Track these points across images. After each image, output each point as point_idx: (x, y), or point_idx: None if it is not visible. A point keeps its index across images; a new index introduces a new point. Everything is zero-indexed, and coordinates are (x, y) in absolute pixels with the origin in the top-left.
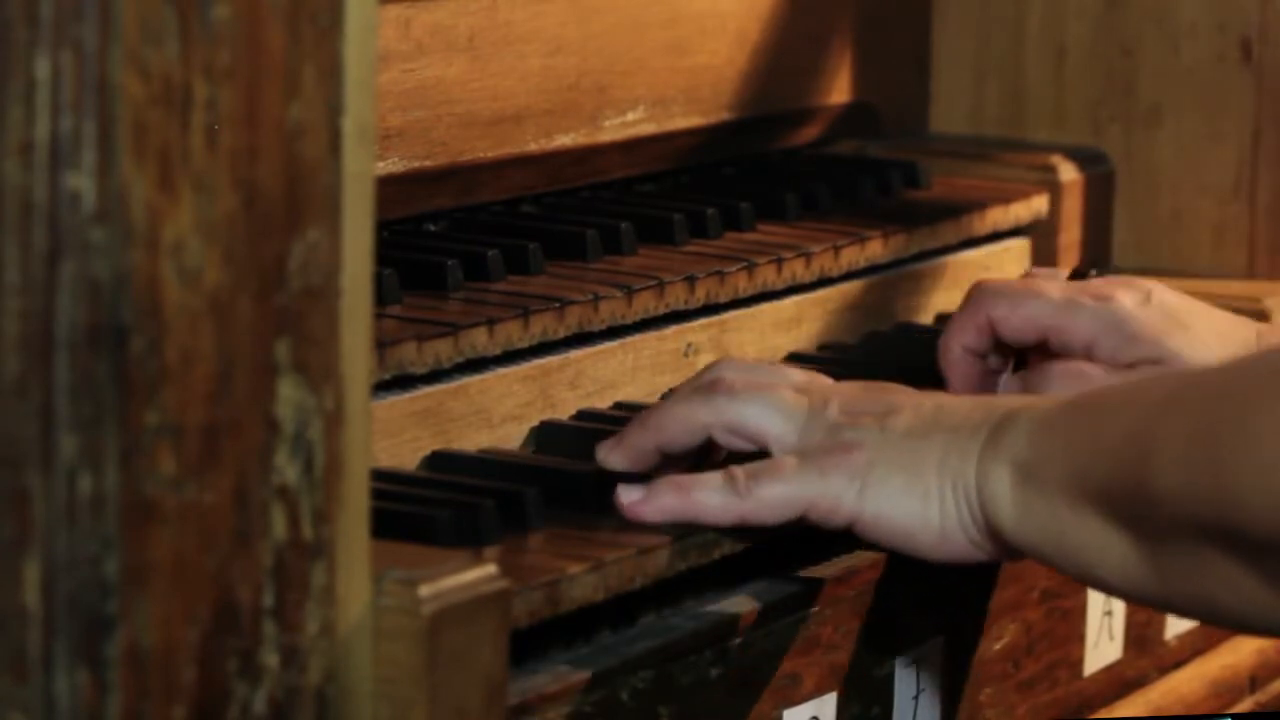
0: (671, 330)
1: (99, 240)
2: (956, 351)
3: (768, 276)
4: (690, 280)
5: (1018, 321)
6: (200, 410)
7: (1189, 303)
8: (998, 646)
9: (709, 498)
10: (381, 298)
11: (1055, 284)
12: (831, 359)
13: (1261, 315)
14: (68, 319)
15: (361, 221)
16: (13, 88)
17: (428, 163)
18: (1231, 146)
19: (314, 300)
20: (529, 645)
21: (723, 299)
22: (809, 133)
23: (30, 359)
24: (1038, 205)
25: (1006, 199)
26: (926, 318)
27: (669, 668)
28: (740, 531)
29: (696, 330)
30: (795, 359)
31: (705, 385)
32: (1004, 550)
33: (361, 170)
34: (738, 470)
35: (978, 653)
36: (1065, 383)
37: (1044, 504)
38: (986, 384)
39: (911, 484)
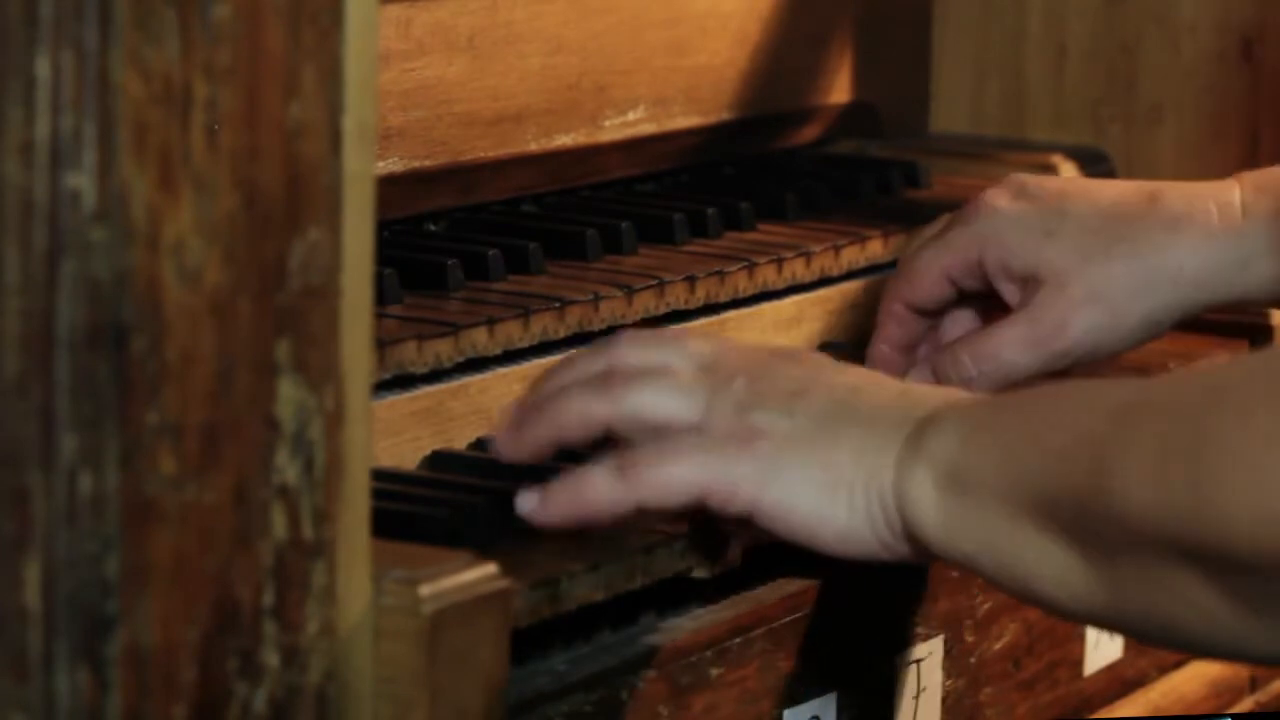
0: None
1: (99, 240)
2: (877, 350)
3: (768, 276)
4: (690, 280)
5: (921, 285)
6: (200, 410)
7: (1074, 184)
8: (998, 646)
9: (598, 489)
10: (382, 297)
11: (934, 226)
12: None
13: (1261, 315)
14: (68, 319)
15: (362, 221)
16: (13, 87)
17: (428, 162)
18: (1231, 146)
19: (314, 300)
20: (529, 645)
21: (723, 299)
22: (809, 133)
23: (30, 359)
24: None
25: None
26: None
27: (669, 667)
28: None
29: (697, 330)
30: None
31: (599, 375)
32: (921, 554)
33: (362, 170)
34: (627, 454)
35: (978, 652)
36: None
37: (975, 510)
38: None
39: (818, 476)
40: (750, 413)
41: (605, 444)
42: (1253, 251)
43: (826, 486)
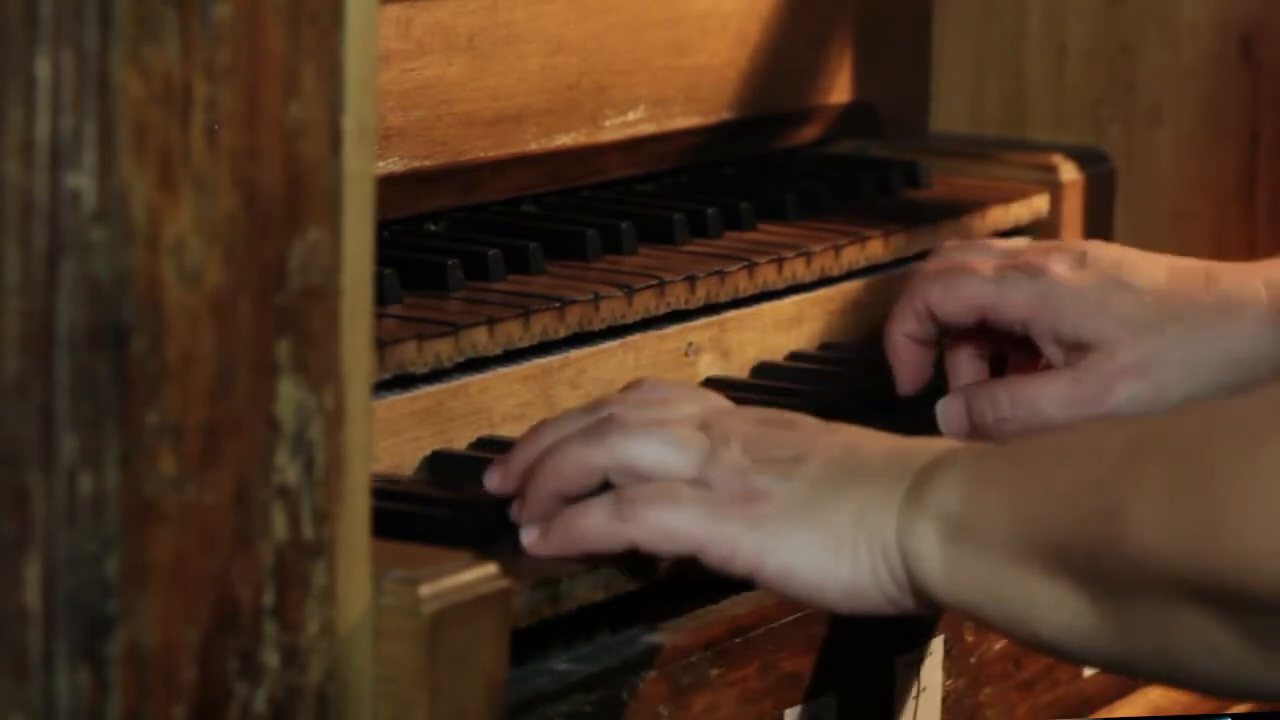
0: (672, 330)
1: (99, 240)
2: (899, 340)
3: (768, 276)
4: (691, 280)
5: (954, 305)
6: (201, 410)
7: (1129, 256)
8: (998, 646)
9: (595, 524)
10: (382, 297)
11: (989, 259)
12: (832, 358)
13: None
14: (68, 319)
15: (362, 221)
16: (13, 88)
17: (428, 162)
18: (1231, 146)
19: (314, 300)
20: (529, 645)
21: (723, 299)
22: (809, 133)
23: (31, 359)
24: (1038, 205)
25: (1007, 199)
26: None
27: (669, 667)
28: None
29: (697, 330)
30: (796, 359)
31: (597, 424)
32: (928, 607)
33: (362, 170)
34: (628, 491)
35: (978, 652)
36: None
37: (981, 560)
38: (929, 367)
39: (821, 539)
40: (750, 475)
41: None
42: None
43: (829, 548)
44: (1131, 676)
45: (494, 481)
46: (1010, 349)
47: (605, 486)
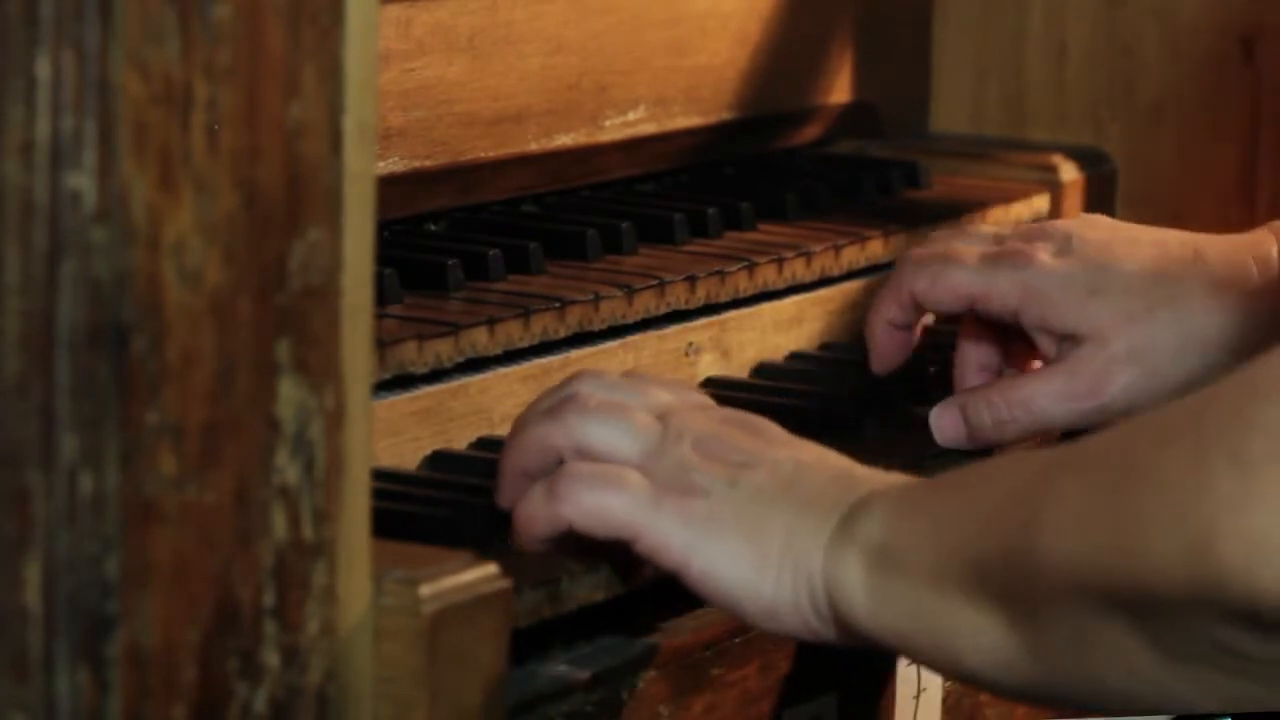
0: (672, 330)
1: (99, 240)
2: (879, 326)
3: (768, 276)
4: (691, 280)
5: (940, 294)
6: (201, 410)
7: (1117, 236)
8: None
9: (534, 506)
10: (382, 297)
11: (975, 248)
12: (832, 358)
13: None
14: (68, 319)
15: (362, 221)
16: (13, 88)
17: (428, 162)
18: (1231, 146)
19: (315, 300)
20: (529, 645)
21: (723, 299)
22: (809, 133)
23: (31, 359)
24: (1039, 205)
25: (1007, 199)
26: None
27: (669, 667)
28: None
29: (697, 330)
30: (796, 358)
31: (558, 403)
32: (849, 638)
33: (362, 170)
34: (564, 470)
35: None
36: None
37: (904, 590)
38: (907, 350)
39: (748, 551)
40: (694, 473)
41: None
42: None
43: (754, 562)
44: (1053, 706)
45: (495, 487)
46: (1001, 339)
47: None
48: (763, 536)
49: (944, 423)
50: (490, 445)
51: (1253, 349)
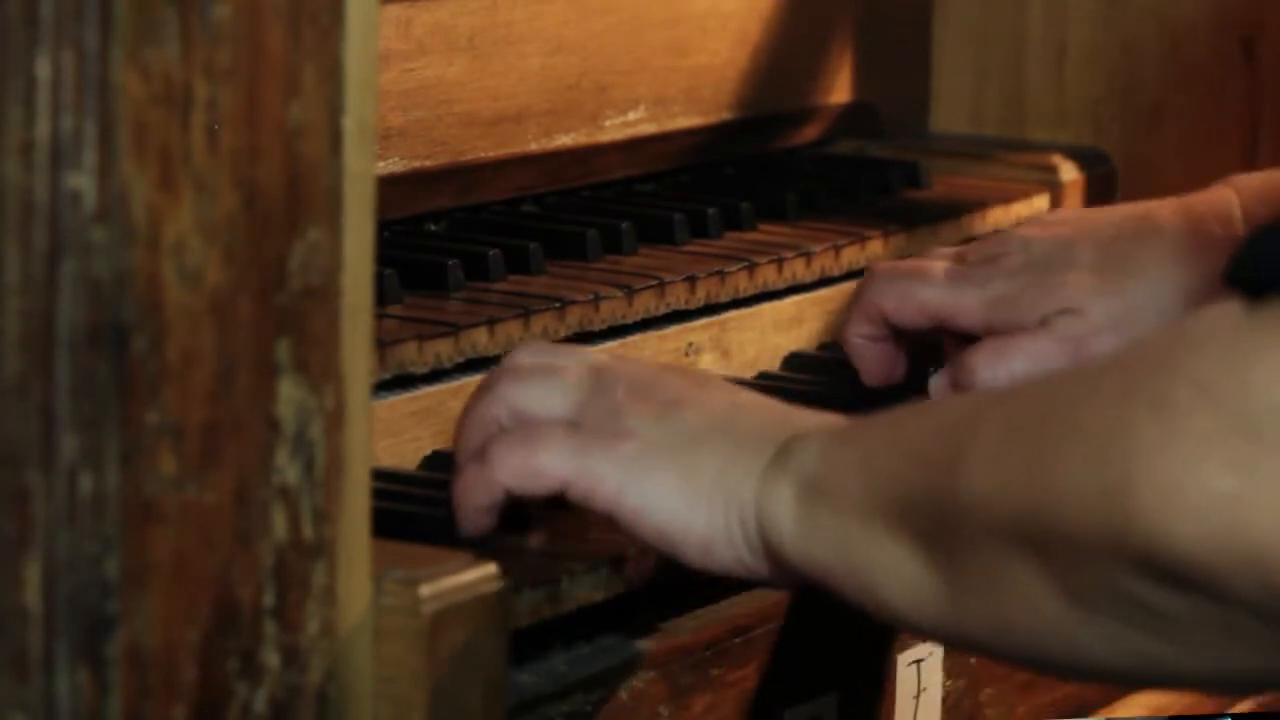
0: (672, 330)
1: (99, 240)
2: (855, 342)
3: (768, 276)
4: (691, 280)
5: (909, 312)
6: (201, 410)
7: (1076, 228)
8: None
9: (468, 480)
10: (382, 297)
11: (941, 264)
12: (832, 358)
13: None
14: (68, 319)
15: (362, 221)
16: (13, 88)
17: (428, 162)
18: (1231, 146)
19: (315, 300)
20: (529, 645)
21: (723, 299)
22: (809, 133)
23: (31, 359)
24: (1039, 205)
25: (1007, 199)
26: None
27: (669, 667)
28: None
29: (697, 330)
30: (796, 359)
31: (493, 373)
32: (781, 573)
33: (362, 170)
34: (496, 438)
35: None
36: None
37: (831, 520)
38: (897, 360)
39: (681, 486)
40: (622, 417)
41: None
42: None
43: (686, 495)
44: (963, 648)
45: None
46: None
47: None
48: (695, 471)
49: (938, 389)
50: None
51: (1218, 294)
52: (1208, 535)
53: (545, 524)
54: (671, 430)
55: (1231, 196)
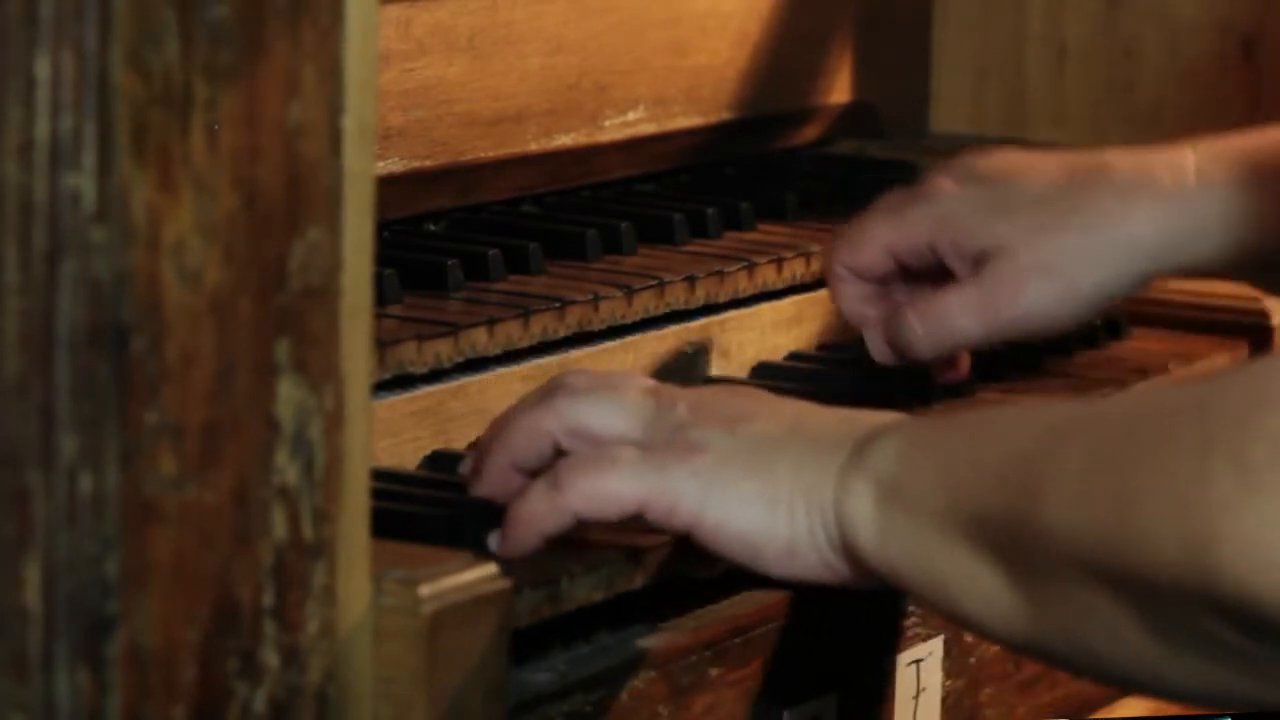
0: (672, 330)
1: (99, 240)
2: (850, 309)
3: (768, 276)
4: (690, 280)
5: (864, 255)
6: (201, 410)
7: (1025, 159)
8: (998, 646)
9: (534, 505)
10: (382, 298)
11: (885, 201)
12: (832, 359)
13: (1261, 315)
14: (68, 319)
15: (362, 221)
16: (13, 87)
17: (428, 162)
18: None
19: (314, 300)
20: (529, 645)
21: (723, 299)
22: (809, 133)
23: (30, 359)
24: None
25: None
26: None
27: (669, 667)
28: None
29: (697, 330)
30: (795, 359)
31: (546, 390)
32: (862, 574)
33: (362, 170)
34: (562, 463)
35: (978, 652)
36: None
37: (909, 526)
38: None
39: (759, 492)
40: (691, 431)
41: None
42: (1206, 221)
43: (766, 503)
44: (1043, 661)
45: (465, 467)
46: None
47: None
48: (771, 477)
49: (874, 345)
50: None
51: (1166, 254)
52: None
53: None
54: (743, 440)
55: (1188, 153)
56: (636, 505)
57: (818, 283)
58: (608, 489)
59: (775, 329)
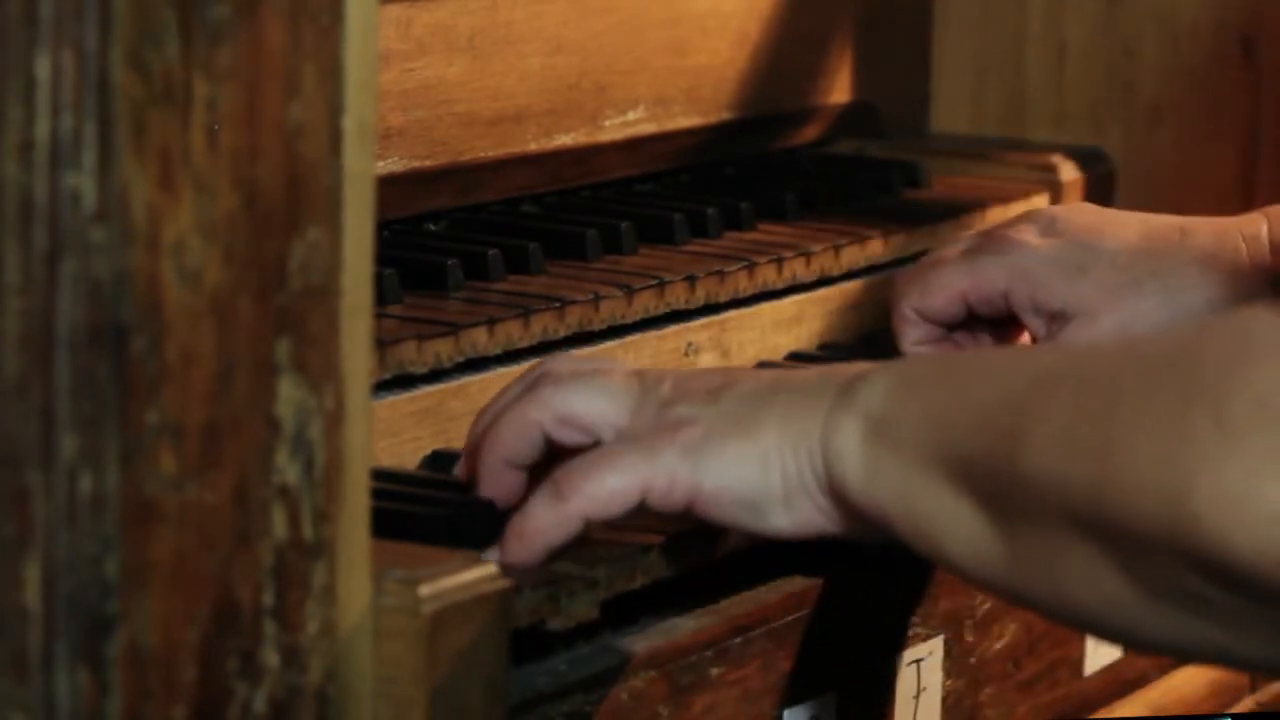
0: (672, 330)
1: (99, 240)
2: (911, 351)
3: (768, 276)
4: (690, 280)
5: (935, 302)
6: (201, 410)
7: (1102, 218)
8: (998, 646)
9: (539, 516)
10: (382, 297)
11: (958, 247)
12: (832, 358)
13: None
14: (68, 319)
15: (362, 221)
16: (13, 87)
17: (428, 162)
18: (1231, 146)
19: (314, 300)
20: (529, 645)
21: (723, 298)
22: (809, 132)
23: (30, 359)
24: (1038, 205)
25: (1007, 199)
26: None
27: (669, 667)
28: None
29: (697, 330)
30: (795, 358)
31: (530, 382)
32: (852, 516)
33: (362, 170)
34: (559, 472)
35: (978, 652)
36: None
37: (894, 463)
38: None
39: (749, 450)
40: (674, 407)
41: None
42: None
43: (757, 459)
44: (1022, 606)
45: (460, 470)
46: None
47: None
48: (759, 433)
49: None
50: None
51: None
52: (1266, 546)
53: None
54: (727, 405)
55: (1261, 220)
56: (639, 493)
57: (818, 283)
58: (608, 486)
59: (775, 329)
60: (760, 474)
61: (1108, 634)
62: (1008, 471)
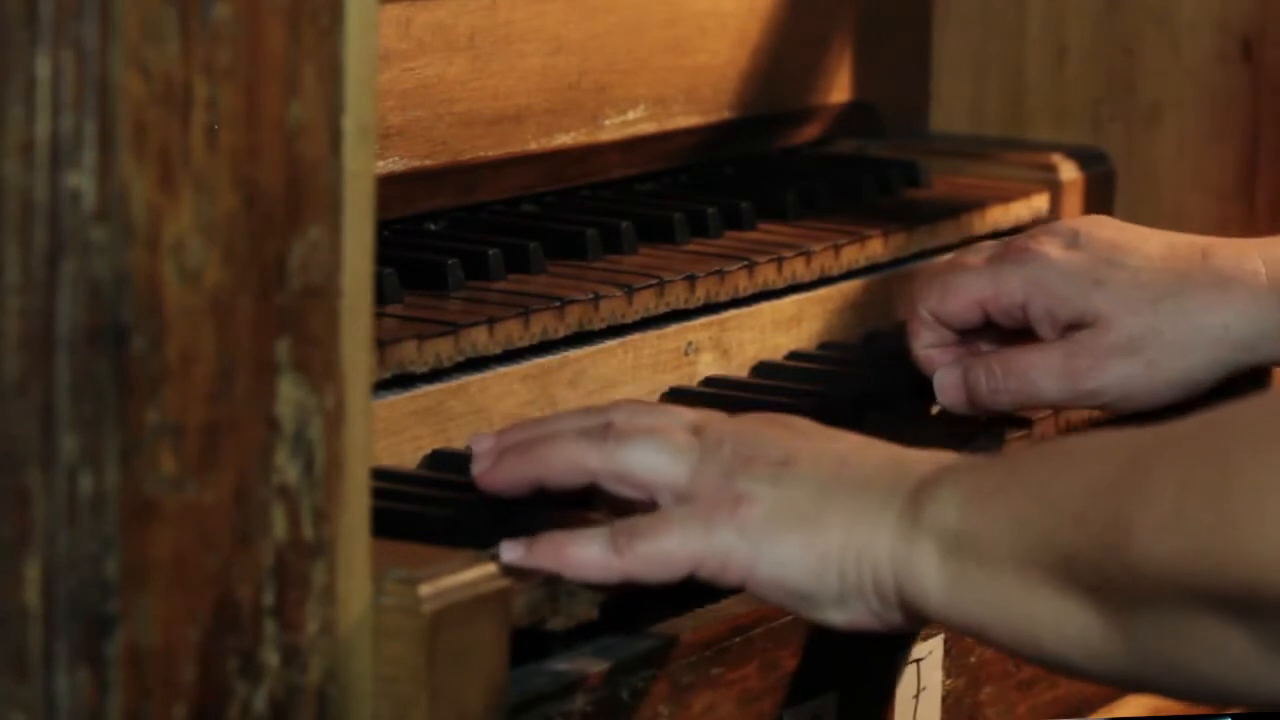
0: (672, 329)
1: (99, 240)
2: (924, 355)
3: (768, 275)
4: (691, 279)
5: (953, 304)
6: (201, 409)
7: (1124, 234)
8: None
9: (589, 555)
10: (382, 297)
11: (980, 255)
12: (832, 358)
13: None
14: (68, 318)
15: (362, 220)
16: (13, 87)
17: (428, 162)
18: (1231, 146)
19: (314, 299)
20: (529, 645)
21: (723, 298)
22: (809, 132)
23: (31, 358)
24: (1038, 204)
25: (1007, 198)
26: None
27: (669, 667)
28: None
29: (697, 329)
30: (795, 358)
31: (596, 429)
32: (918, 623)
33: (362, 169)
34: (620, 525)
35: (978, 651)
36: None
37: (983, 576)
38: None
39: (810, 545)
40: (736, 479)
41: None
42: None
43: (817, 557)
44: (1143, 690)
45: (483, 445)
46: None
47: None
48: (821, 529)
49: (946, 384)
50: None
51: (1261, 345)
52: None
53: (546, 523)
54: (788, 491)
55: None
56: (690, 568)
57: (818, 282)
58: (662, 553)
59: (775, 328)
60: (818, 571)
61: (1229, 698)
62: (1116, 561)
